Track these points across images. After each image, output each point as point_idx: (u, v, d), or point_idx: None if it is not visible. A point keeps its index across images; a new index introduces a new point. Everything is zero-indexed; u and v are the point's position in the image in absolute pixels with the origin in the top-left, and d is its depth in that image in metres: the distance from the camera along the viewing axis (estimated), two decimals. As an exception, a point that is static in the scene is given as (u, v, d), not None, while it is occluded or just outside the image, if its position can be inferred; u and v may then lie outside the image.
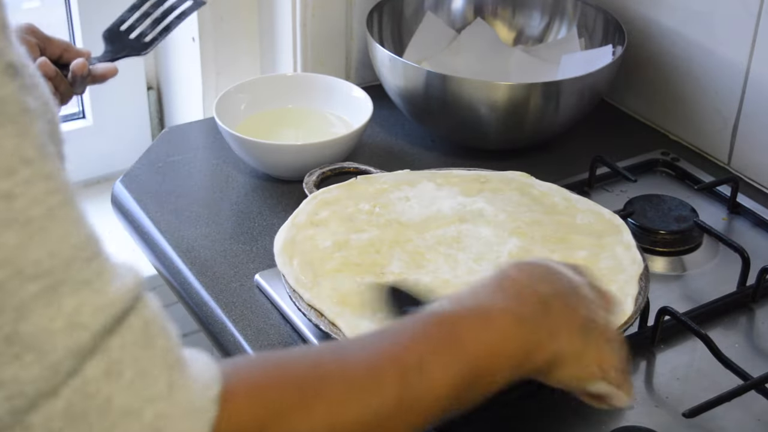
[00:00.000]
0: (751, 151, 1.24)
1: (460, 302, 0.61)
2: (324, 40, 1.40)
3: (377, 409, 0.52)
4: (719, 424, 0.87)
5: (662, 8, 1.30)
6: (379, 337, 0.56)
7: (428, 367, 0.55)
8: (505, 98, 1.20)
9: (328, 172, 1.11)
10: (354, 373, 0.53)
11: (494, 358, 0.59)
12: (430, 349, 0.56)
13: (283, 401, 0.50)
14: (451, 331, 0.57)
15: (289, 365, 0.53)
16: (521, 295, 0.63)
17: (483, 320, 0.59)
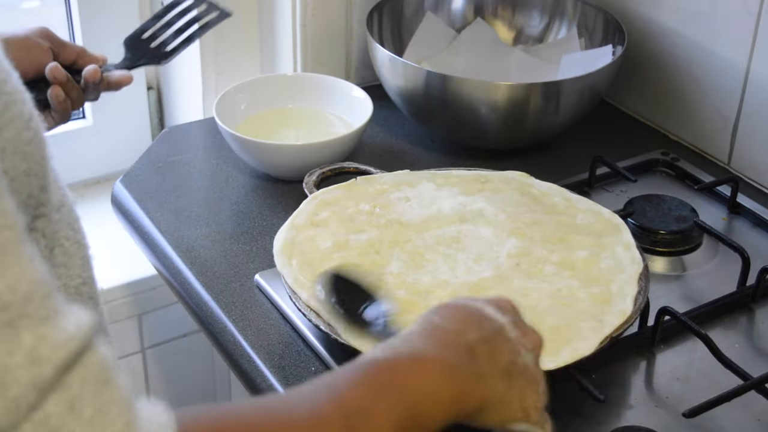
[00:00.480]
0: (751, 151, 1.24)
1: (395, 349, 0.62)
2: (324, 40, 1.40)
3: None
4: (719, 424, 0.87)
5: (662, 8, 1.30)
6: (325, 384, 0.58)
7: (371, 413, 0.56)
8: (505, 98, 1.20)
9: (328, 172, 1.11)
10: (303, 422, 0.54)
11: (430, 404, 0.60)
12: (372, 395, 0.57)
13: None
14: (390, 378, 0.59)
15: (241, 414, 0.54)
16: (449, 343, 0.64)
17: (418, 367, 0.61)
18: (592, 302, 0.90)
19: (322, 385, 0.58)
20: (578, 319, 0.88)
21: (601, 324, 0.88)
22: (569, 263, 0.95)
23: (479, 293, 0.90)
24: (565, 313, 0.89)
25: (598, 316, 0.88)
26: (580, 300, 0.90)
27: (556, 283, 0.92)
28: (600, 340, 0.86)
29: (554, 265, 0.94)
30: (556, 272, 0.93)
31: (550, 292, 0.91)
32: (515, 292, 0.90)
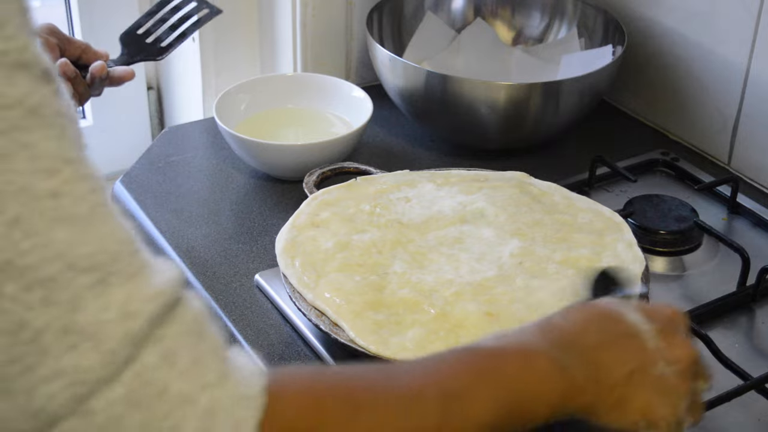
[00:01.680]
0: (751, 151, 1.24)
1: (504, 339, 0.62)
2: (324, 40, 1.40)
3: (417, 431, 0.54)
4: (719, 424, 0.87)
5: (662, 8, 1.30)
6: (426, 363, 0.58)
7: (470, 397, 0.56)
8: (505, 98, 1.20)
9: (328, 172, 1.11)
10: (400, 392, 0.54)
11: (532, 398, 0.60)
12: (474, 380, 0.57)
13: (331, 407, 0.51)
14: (495, 366, 0.59)
15: (339, 376, 0.55)
16: (563, 342, 0.63)
17: (525, 360, 0.60)
18: None
19: (425, 363, 0.58)
20: None
21: None
22: (572, 262, 0.95)
23: (483, 292, 0.90)
24: None
25: None
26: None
27: (560, 282, 0.92)
28: None
29: (557, 264, 0.94)
30: (559, 271, 0.94)
31: (554, 290, 0.91)
32: (519, 291, 0.90)
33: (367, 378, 0.55)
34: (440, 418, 0.54)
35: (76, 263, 0.46)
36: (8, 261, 0.44)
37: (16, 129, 0.45)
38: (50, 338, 0.45)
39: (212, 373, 0.48)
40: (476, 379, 0.57)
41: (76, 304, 0.45)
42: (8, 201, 0.44)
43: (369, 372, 0.56)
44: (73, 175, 0.47)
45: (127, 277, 0.47)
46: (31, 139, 0.45)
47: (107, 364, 0.46)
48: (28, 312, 0.44)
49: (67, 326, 0.45)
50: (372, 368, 0.57)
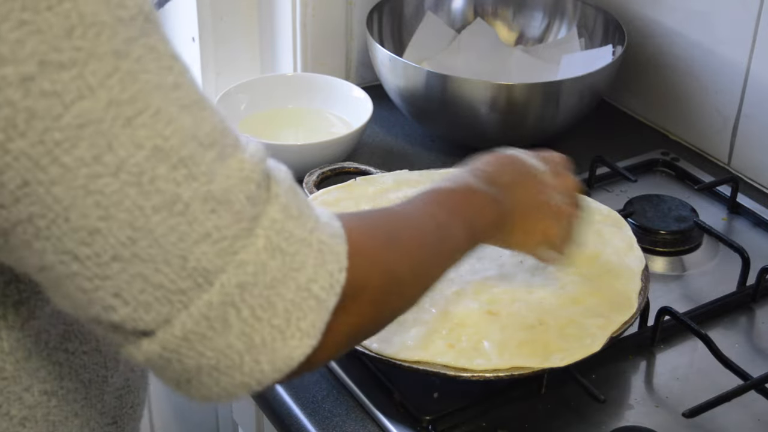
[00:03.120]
0: (751, 151, 1.24)
1: (454, 182, 0.78)
2: (324, 40, 1.40)
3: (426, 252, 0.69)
4: (719, 424, 0.87)
5: (662, 8, 1.30)
6: (419, 205, 0.73)
7: (452, 224, 0.73)
8: (505, 98, 1.20)
9: (328, 172, 1.11)
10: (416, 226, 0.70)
11: (482, 221, 0.78)
12: (450, 212, 0.74)
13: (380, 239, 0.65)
14: (458, 201, 0.76)
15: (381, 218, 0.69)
16: (489, 181, 0.80)
17: (473, 195, 0.78)
18: (596, 299, 0.90)
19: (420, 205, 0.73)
20: (584, 315, 0.88)
21: (607, 320, 0.88)
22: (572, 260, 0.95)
23: (484, 291, 0.90)
24: (570, 309, 0.89)
25: (603, 313, 0.89)
26: (584, 296, 0.90)
27: (560, 280, 0.92)
28: (608, 336, 0.86)
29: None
30: (559, 269, 0.94)
31: (555, 289, 0.91)
32: (520, 290, 0.90)
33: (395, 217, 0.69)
34: (438, 241, 0.71)
35: (203, 141, 0.54)
36: (157, 147, 0.52)
37: (142, 36, 0.52)
38: (196, 207, 0.53)
39: (312, 218, 0.58)
40: (451, 211, 0.74)
41: (211, 176, 0.53)
42: (149, 97, 0.52)
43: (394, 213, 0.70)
44: (182, 68, 0.54)
45: (234, 148, 0.55)
46: (152, 42, 0.53)
47: (239, 221, 0.54)
48: (178, 188, 0.52)
49: (206, 195, 0.53)
50: (392, 211, 0.71)
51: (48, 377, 0.63)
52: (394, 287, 0.64)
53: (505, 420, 0.87)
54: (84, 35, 0.49)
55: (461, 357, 0.84)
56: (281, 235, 0.56)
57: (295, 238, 0.57)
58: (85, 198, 0.51)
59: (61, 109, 0.49)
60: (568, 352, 0.84)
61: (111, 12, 0.50)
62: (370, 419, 0.88)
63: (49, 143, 0.49)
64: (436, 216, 0.72)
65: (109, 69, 0.50)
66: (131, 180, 0.51)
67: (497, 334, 0.86)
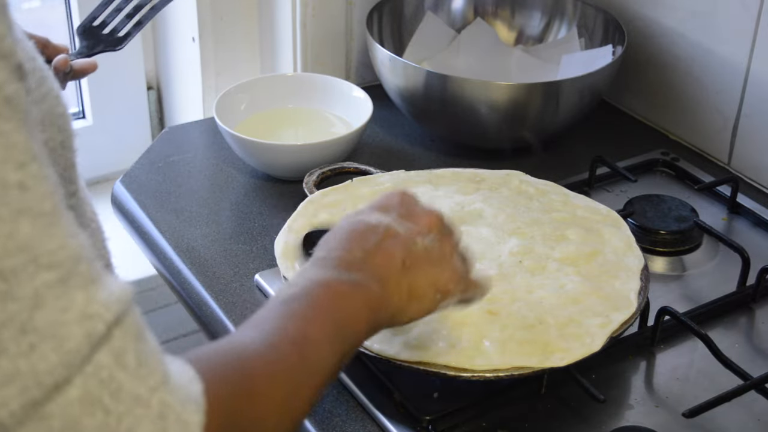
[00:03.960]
0: (751, 151, 1.24)
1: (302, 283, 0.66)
2: (324, 40, 1.40)
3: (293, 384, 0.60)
4: (719, 424, 0.87)
5: (662, 8, 1.30)
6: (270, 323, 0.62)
7: (313, 338, 0.62)
8: (505, 98, 1.20)
9: (327, 172, 1.11)
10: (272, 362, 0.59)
11: (351, 319, 0.66)
12: (309, 323, 0.63)
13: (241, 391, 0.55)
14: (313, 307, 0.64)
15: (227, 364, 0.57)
16: (341, 266, 0.68)
17: (331, 292, 0.66)
18: (596, 298, 0.90)
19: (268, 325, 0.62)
20: (584, 315, 0.88)
21: (607, 319, 0.88)
22: (571, 260, 0.95)
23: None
24: (570, 309, 0.89)
25: (603, 312, 0.89)
26: (584, 296, 0.90)
27: (559, 280, 0.92)
28: (608, 335, 0.86)
29: (557, 262, 0.94)
30: (559, 269, 0.94)
31: (555, 288, 0.91)
32: (520, 290, 0.90)
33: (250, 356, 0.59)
34: (301, 364, 0.60)
35: (39, 258, 0.45)
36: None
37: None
38: (8, 336, 0.43)
39: (158, 374, 0.49)
40: (309, 321, 0.63)
41: (37, 302, 0.44)
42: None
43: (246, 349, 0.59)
44: (38, 172, 0.46)
45: (87, 281, 0.47)
46: (4, 127, 0.45)
47: (64, 365, 0.45)
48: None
49: (25, 325, 0.44)
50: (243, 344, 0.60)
51: None
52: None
53: (505, 420, 0.87)
54: None
55: (461, 357, 0.84)
56: (106, 387, 0.46)
57: (126, 394, 0.47)
58: None
59: None
60: (568, 352, 0.84)
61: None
62: (370, 419, 0.88)
63: None
64: (291, 333, 0.62)
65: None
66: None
67: (497, 333, 0.86)
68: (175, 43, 1.57)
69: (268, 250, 1.07)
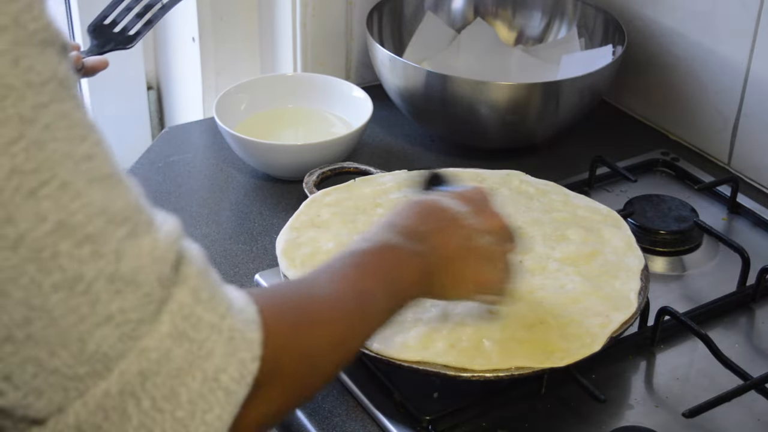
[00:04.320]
0: (751, 151, 1.24)
1: (372, 241, 0.74)
2: (324, 40, 1.40)
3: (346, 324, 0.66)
4: (719, 424, 0.87)
5: (662, 8, 1.30)
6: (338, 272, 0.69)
7: (372, 290, 0.69)
8: (505, 98, 1.20)
9: (328, 172, 1.11)
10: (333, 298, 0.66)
11: (404, 281, 0.73)
12: (371, 277, 0.70)
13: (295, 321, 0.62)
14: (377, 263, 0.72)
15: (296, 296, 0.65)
16: (408, 235, 0.75)
17: (393, 253, 0.73)
18: (596, 298, 0.90)
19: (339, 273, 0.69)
20: (585, 315, 0.88)
21: (607, 320, 0.88)
22: (572, 260, 0.95)
23: None
24: (571, 309, 0.89)
25: (604, 312, 0.89)
26: (584, 296, 0.90)
27: (560, 280, 0.92)
28: (608, 336, 0.86)
29: (557, 262, 0.95)
30: (559, 269, 0.94)
31: (555, 288, 0.91)
32: (520, 289, 0.90)
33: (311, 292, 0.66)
34: (359, 310, 0.67)
35: (114, 218, 0.51)
36: (61, 222, 0.49)
37: (54, 101, 0.49)
38: (100, 287, 0.50)
39: (224, 303, 0.55)
40: (372, 275, 0.70)
41: (119, 255, 0.51)
42: (56, 167, 0.49)
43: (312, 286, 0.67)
44: (97, 139, 0.51)
45: (148, 227, 0.53)
46: (65, 108, 0.50)
47: (146, 304, 0.51)
48: (82, 266, 0.49)
49: (113, 275, 0.50)
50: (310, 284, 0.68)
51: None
52: (310, 369, 0.62)
53: (505, 420, 0.87)
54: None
55: (461, 357, 0.84)
56: (189, 321, 0.53)
57: (204, 324, 0.54)
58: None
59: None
60: (568, 352, 0.84)
61: (20, 75, 0.48)
62: (370, 419, 0.88)
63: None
64: (354, 282, 0.68)
65: (13, 135, 0.47)
66: (31, 255, 0.48)
67: (497, 333, 0.86)
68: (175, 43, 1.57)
69: (268, 250, 1.07)
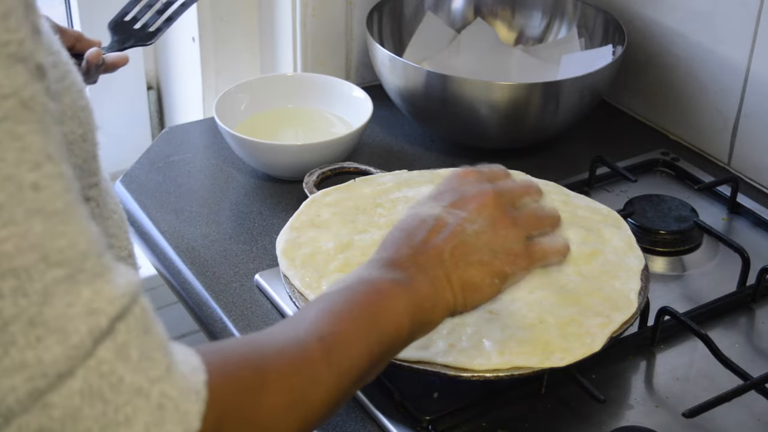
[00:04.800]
0: (751, 151, 1.24)
1: (349, 280, 0.67)
2: (324, 40, 1.40)
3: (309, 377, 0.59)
4: (719, 424, 0.87)
5: (662, 8, 1.30)
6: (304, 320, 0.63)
7: (346, 339, 0.62)
8: (505, 98, 1.20)
9: (328, 172, 1.11)
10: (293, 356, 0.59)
11: (390, 317, 0.65)
12: (344, 324, 0.63)
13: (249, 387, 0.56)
14: (354, 303, 0.65)
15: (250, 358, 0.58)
16: (388, 266, 0.69)
17: (373, 289, 0.66)
18: (597, 298, 0.90)
19: (304, 321, 0.62)
20: (585, 315, 0.88)
21: (607, 320, 0.88)
22: (572, 259, 0.95)
23: None
24: (571, 309, 0.89)
25: (604, 312, 0.89)
26: (585, 295, 0.90)
27: (560, 280, 0.92)
28: (608, 336, 0.86)
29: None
30: (559, 269, 0.94)
31: (555, 288, 0.91)
32: (520, 290, 0.90)
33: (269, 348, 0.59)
34: (328, 366, 0.60)
35: (49, 257, 0.47)
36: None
37: (8, 119, 0.46)
38: (17, 329, 0.46)
39: (161, 367, 0.50)
40: (346, 322, 0.63)
41: (46, 298, 0.46)
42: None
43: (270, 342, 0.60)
44: (53, 171, 0.48)
45: (93, 276, 0.48)
46: (21, 130, 0.47)
47: (68, 358, 0.47)
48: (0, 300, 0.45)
49: (34, 318, 0.46)
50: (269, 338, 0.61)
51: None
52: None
53: (505, 420, 0.87)
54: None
55: (462, 356, 0.84)
56: (106, 380, 0.48)
57: (126, 386, 0.48)
58: None
59: None
60: (568, 352, 0.84)
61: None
62: (370, 419, 0.88)
63: None
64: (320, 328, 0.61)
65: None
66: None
67: (497, 333, 0.86)
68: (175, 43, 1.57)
69: (268, 250, 1.07)
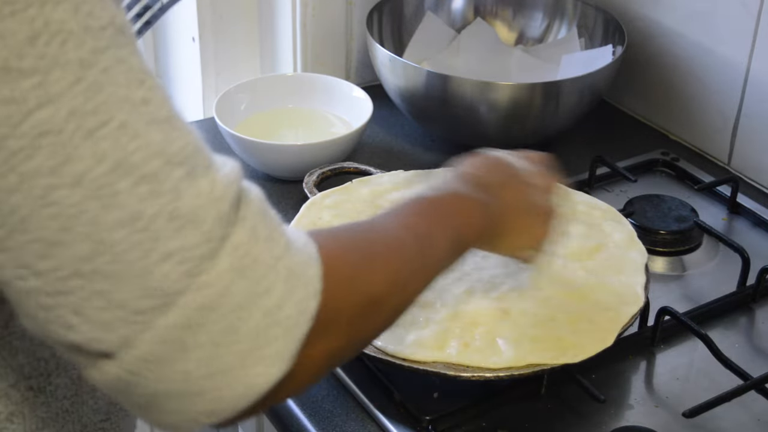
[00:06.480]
0: (751, 151, 1.24)
1: (441, 189, 0.77)
2: (324, 40, 1.40)
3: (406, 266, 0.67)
4: (719, 424, 0.87)
5: (662, 8, 1.30)
6: (399, 216, 0.71)
7: (434, 235, 0.71)
8: (505, 98, 1.20)
9: (328, 172, 1.11)
10: (394, 240, 0.68)
11: (467, 228, 0.76)
12: (433, 222, 0.72)
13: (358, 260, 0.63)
14: (443, 209, 0.75)
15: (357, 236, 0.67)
16: (477, 185, 0.79)
17: (459, 201, 0.77)
18: (603, 293, 0.90)
19: (398, 217, 0.71)
20: (593, 310, 0.88)
21: (617, 314, 0.88)
22: (576, 256, 0.95)
23: (493, 289, 0.91)
24: (579, 305, 0.89)
25: (612, 306, 0.89)
26: (592, 291, 0.91)
27: (566, 276, 0.92)
28: (619, 330, 0.87)
29: (562, 258, 0.95)
30: (564, 265, 0.94)
31: (563, 285, 0.91)
32: (527, 287, 0.91)
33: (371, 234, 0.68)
34: (419, 254, 0.69)
35: (172, 159, 0.52)
36: (119, 161, 0.51)
37: (112, 46, 0.51)
38: (160, 225, 0.52)
39: (281, 244, 0.56)
40: (434, 222, 0.72)
41: (177, 194, 0.52)
42: (115, 110, 0.51)
43: (371, 229, 0.69)
44: (153, 84, 0.53)
45: (206, 168, 0.54)
46: (122, 54, 0.52)
47: (207, 242, 0.53)
48: (141, 204, 0.51)
49: (172, 213, 0.52)
50: (370, 227, 0.70)
51: (34, 373, 0.63)
52: (371, 308, 0.63)
53: (505, 420, 0.87)
54: (48, 43, 0.49)
55: (476, 355, 0.84)
56: (246, 259, 0.54)
57: (261, 264, 0.55)
58: (42, 209, 0.50)
59: (19, 117, 0.48)
60: (582, 348, 0.85)
61: (79, 21, 0.50)
62: (370, 419, 0.88)
63: (6, 151, 0.49)
64: (416, 227, 0.70)
65: (72, 78, 0.49)
66: (90, 193, 0.50)
67: (510, 331, 0.86)
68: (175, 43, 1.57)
69: (268, 250, 1.07)
